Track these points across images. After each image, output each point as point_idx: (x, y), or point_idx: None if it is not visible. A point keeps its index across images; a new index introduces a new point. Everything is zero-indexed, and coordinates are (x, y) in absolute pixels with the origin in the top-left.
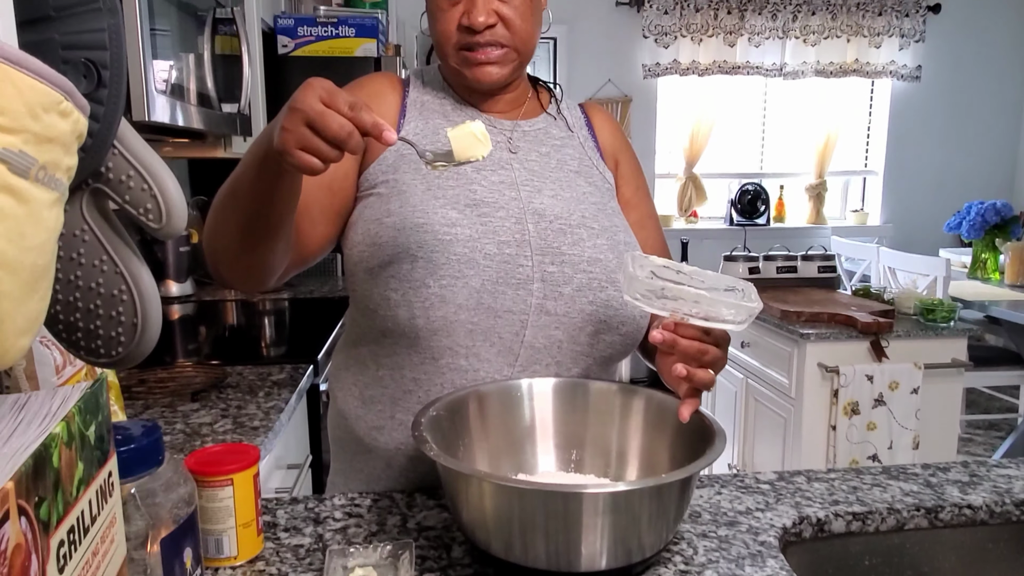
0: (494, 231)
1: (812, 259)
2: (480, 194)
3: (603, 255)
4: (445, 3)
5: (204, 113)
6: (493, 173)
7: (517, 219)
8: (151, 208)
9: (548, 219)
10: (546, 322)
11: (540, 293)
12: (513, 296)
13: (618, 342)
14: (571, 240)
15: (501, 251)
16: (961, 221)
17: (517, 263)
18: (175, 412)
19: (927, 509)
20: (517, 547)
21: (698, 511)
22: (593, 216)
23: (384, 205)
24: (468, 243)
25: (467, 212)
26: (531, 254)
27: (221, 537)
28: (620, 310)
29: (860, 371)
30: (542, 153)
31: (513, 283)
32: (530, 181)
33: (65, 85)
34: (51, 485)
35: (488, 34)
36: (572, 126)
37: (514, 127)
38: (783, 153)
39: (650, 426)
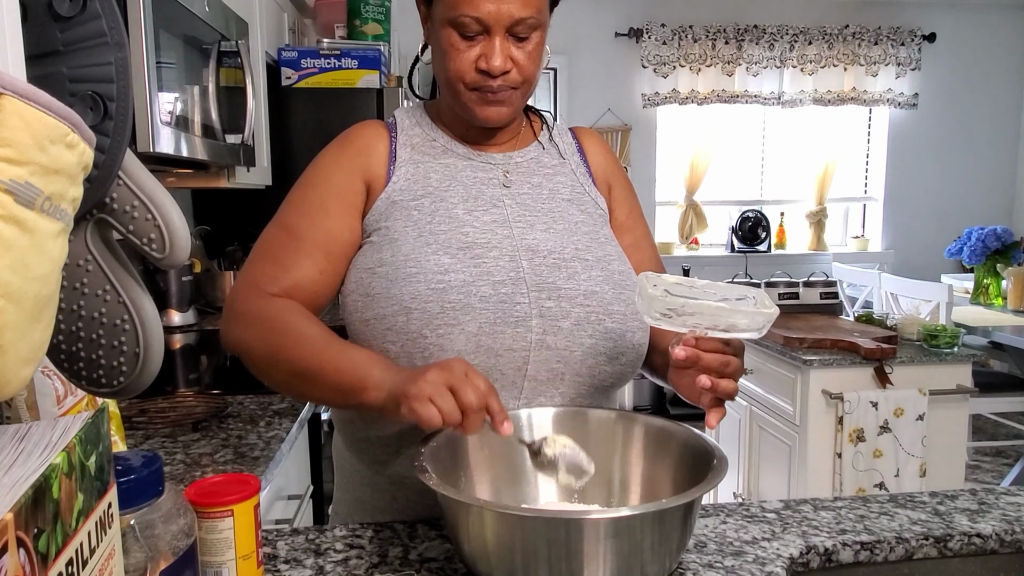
0: (488, 272)
1: (814, 286)
2: (472, 236)
3: (599, 287)
4: (462, 44)
5: (208, 144)
6: (485, 212)
7: (511, 257)
8: (155, 238)
9: (542, 255)
10: (547, 356)
11: (540, 329)
12: (512, 334)
13: (619, 371)
14: (566, 274)
15: (497, 291)
16: (962, 247)
17: (514, 301)
18: (176, 442)
19: (936, 538)
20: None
21: (704, 540)
22: (587, 247)
23: (376, 254)
24: (463, 288)
25: (460, 256)
26: (527, 291)
27: (221, 569)
28: (619, 341)
29: (864, 397)
30: (534, 184)
31: (512, 322)
32: (523, 216)
33: (72, 117)
34: (51, 516)
35: (503, 79)
36: (564, 153)
37: (507, 160)
38: (783, 180)
39: (651, 453)
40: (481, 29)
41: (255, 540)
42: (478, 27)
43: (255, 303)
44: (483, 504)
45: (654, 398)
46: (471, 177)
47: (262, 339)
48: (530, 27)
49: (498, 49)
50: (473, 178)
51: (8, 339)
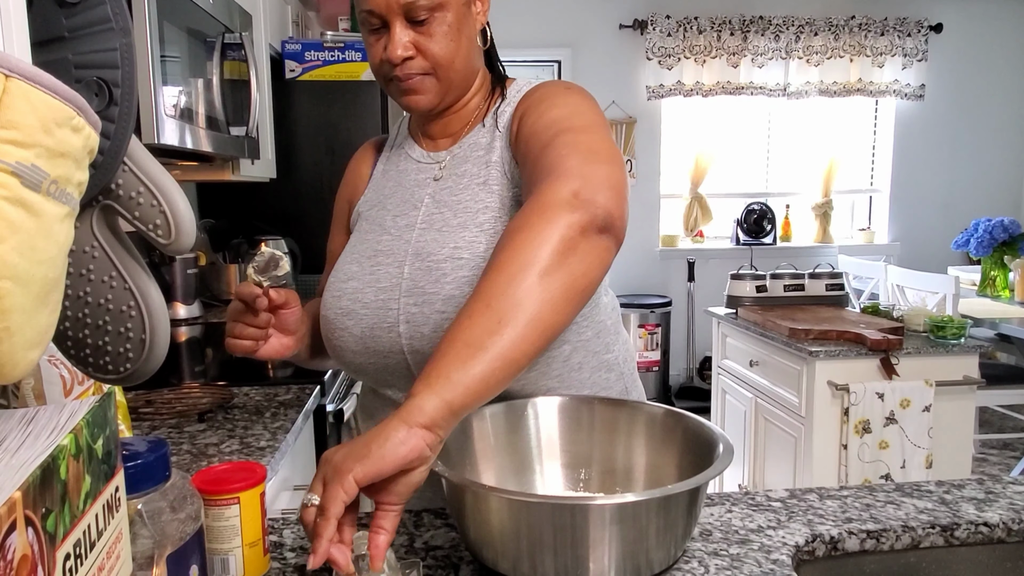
0: (377, 279)
1: (820, 277)
2: (384, 243)
3: (459, 291)
4: (371, 38)
5: (213, 136)
6: (404, 217)
7: (399, 263)
8: (160, 224)
9: (422, 257)
10: (422, 360)
11: (407, 334)
12: (386, 339)
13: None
14: (434, 278)
15: (377, 298)
16: (969, 239)
17: (388, 307)
18: (182, 433)
19: (942, 527)
20: (525, 564)
21: (709, 529)
22: (468, 244)
23: None
24: (352, 295)
25: (364, 264)
26: (399, 296)
27: (227, 557)
28: None
29: (870, 389)
30: (459, 174)
31: (384, 327)
32: (430, 216)
33: (77, 101)
34: (58, 497)
35: (406, 66)
36: (500, 124)
37: (448, 154)
38: (788, 172)
39: (657, 443)
40: (380, 22)
41: (261, 528)
42: (376, 20)
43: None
44: (489, 490)
45: (659, 391)
46: (411, 180)
47: None
48: (427, 8)
49: (395, 38)
50: (412, 181)
51: (15, 321)
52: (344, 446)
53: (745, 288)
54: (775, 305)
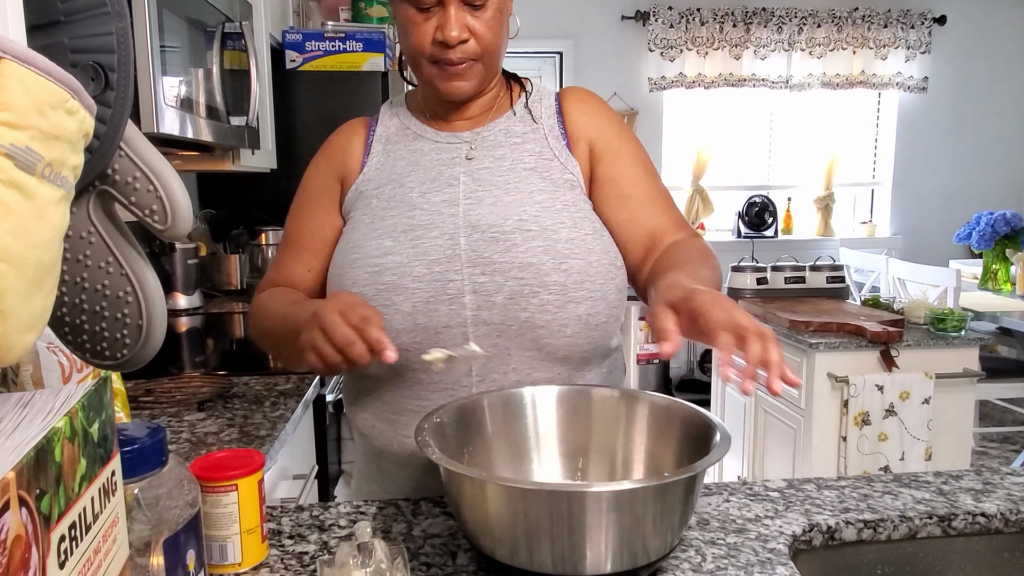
0: (425, 252)
1: (821, 270)
2: (418, 218)
3: (536, 258)
4: (418, 17)
5: (213, 126)
6: (438, 193)
7: (450, 235)
8: (156, 210)
9: (481, 229)
10: (486, 332)
11: (473, 305)
12: (447, 312)
13: (570, 343)
14: (503, 247)
15: (431, 270)
16: (971, 232)
17: (447, 279)
18: (181, 421)
19: (940, 517)
20: (522, 551)
21: (706, 518)
22: (533, 217)
23: (337, 247)
24: (396, 270)
25: (401, 239)
26: (461, 267)
27: (225, 544)
28: (559, 312)
29: (870, 381)
30: (496, 156)
31: (444, 299)
32: (474, 192)
33: (72, 83)
34: (53, 479)
35: (460, 49)
36: (538, 118)
37: (474, 136)
38: (790, 165)
39: (654, 431)
40: (435, 1)
41: (259, 515)
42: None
43: (255, 301)
44: (486, 478)
45: (660, 384)
46: (433, 159)
47: (254, 324)
48: None
49: (453, 19)
50: (435, 160)
51: (9, 304)
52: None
53: (746, 280)
54: (776, 297)
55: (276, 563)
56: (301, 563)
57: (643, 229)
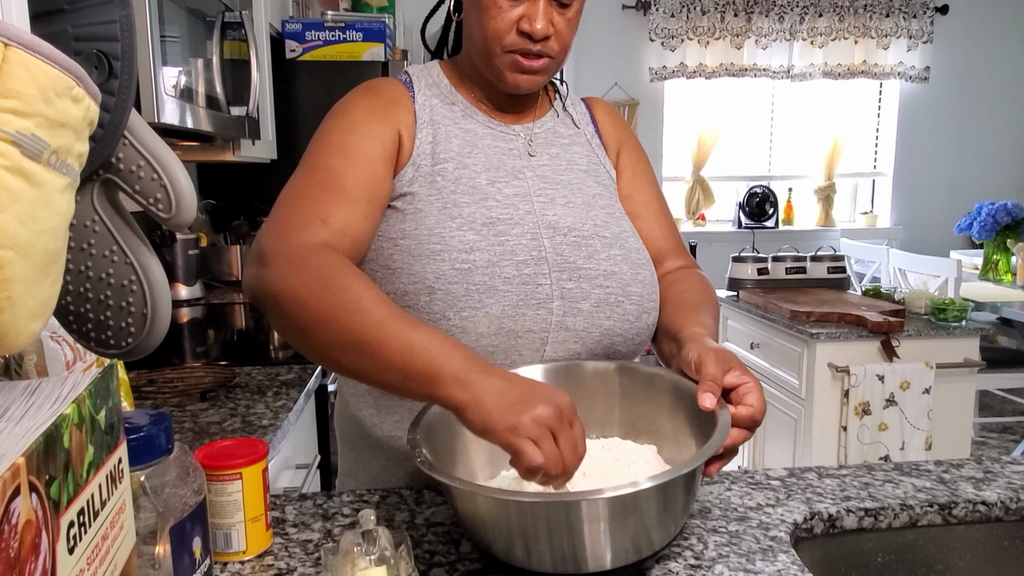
0: (512, 251)
1: (822, 260)
2: (495, 211)
3: (618, 267)
4: (504, 3)
5: (213, 116)
6: (507, 185)
7: (533, 235)
8: (161, 198)
9: (562, 232)
10: (565, 338)
11: (560, 311)
12: (533, 317)
13: (632, 351)
14: (586, 253)
15: (520, 272)
16: (972, 222)
17: (537, 283)
18: (184, 411)
19: (940, 505)
20: (519, 554)
21: (708, 507)
22: (604, 223)
23: (399, 224)
24: (487, 269)
25: (484, 232)
26: (549, 271)
27: (230, 531)
28: (635, 322)
29: (871, 371)
30: (552, 155)
31: (533, 304)
32: (543, 190)
33: (77, 71)
34: (61, 465)
35: (542, 44)
36: (578, 122)
37: (527, 132)
38: (791, 155)
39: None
40: None
41: (264, 503)
42: None
43: (306, 249)
44: (477, 489)
45: None
46: (492, 146)
47: (317, 293)
48: None
49: (542, 11)
50: (494, 147)
51: (16, 291)
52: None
53: (747, 271)
54: (776, 288)
55: (280, 551)
56: (305, 551)
57: (651, 247)
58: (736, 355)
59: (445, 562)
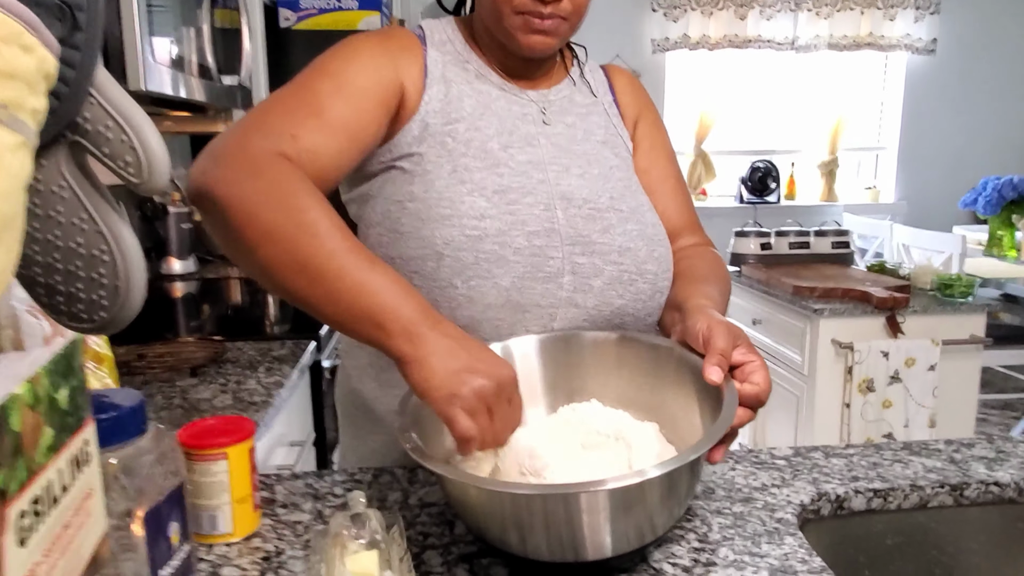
0: (523, 221)
1: (825, 235)
2: (507, 178)
3: (634, 243)
4: None
5: (203, 85)
6: (520, 151)
7: (546, 205)
8: (131, 161)
9: (577, 204)
10: (574, 315)
11: (570, 287)
12: (542, 291)
13: (643, 331)
14: (601, 227)
15: (531, 243)
16: (977, 197)
17: (547, 255)
18: (173, 387)
19: (952, 486)
20: (514, 543)
21: (711, 487)
22: (621, 196)
23: (407, 186)
24: (498, 238)
25: (495, 200)
26: (561, 244)
27: (215, 513)
28: (648, 302)
29: (875, 347)
30: (568, 124)
31: (542, 278)
32: (557, 159)
33: (26, 16)
34: (9, 450)
35: (554, 6)
36: (595, 90)
37: (542, 98)
38: (794, 129)
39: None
40: None
41: (251, 483)
42: None
43: (266, 157)
44: (470, 480)
45: None
46: (506, 109)
47: (270, 207)
48: None
49: None
50: (508, 111)
51: None
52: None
53: (749, 245)
54: (779, 263)
55: (269, 533)
56: (295, 532)
57: (667, 223)
58: (744, 332)
59: (439, 544)
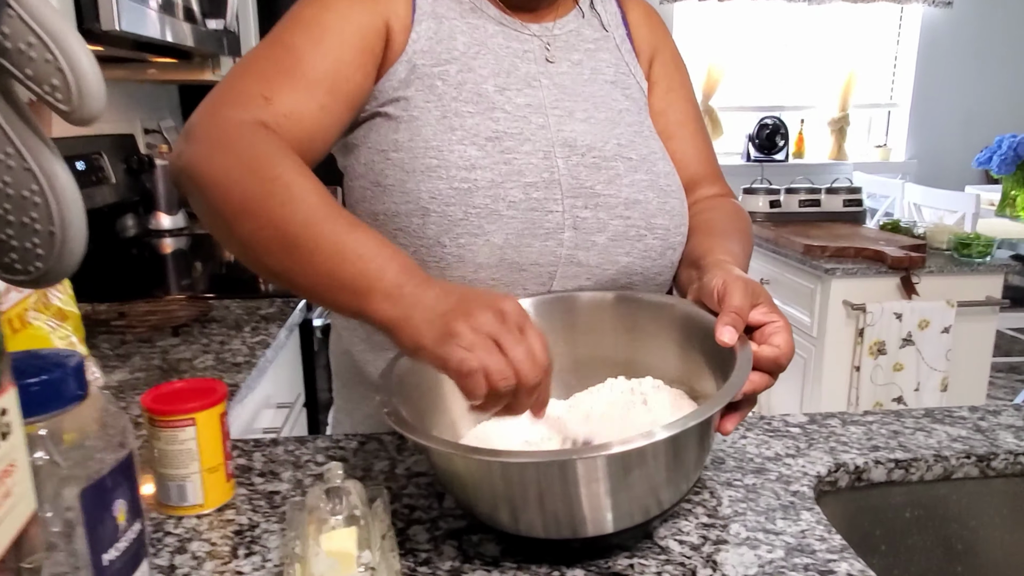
0: (519, 171)
1: (837, 192)
2: (503, 123)
3: (643, 195)
4: None
5: (186, 28)
6: (518, 93)
7: (545, 153)
8: (58, 85)
9: (580, 151)
10: (576, 274)
11: (571, 243)
12: (540, 248)
13: (652, 291)
14: (606, 177)
15: (528, 196)
16: (991, 155)
17: (546, 209)
18: (153, 347)
19: (979, 457)
20: (506, 519)
21: (721, 456)
22: (630, 142)
23: (391, 134)
24: (490, 191)
25: (488, 148)
26: (561, 197)
27: (184, 483)
28: (658, 259)
29: (888, 309)
30: (574, 62)
31: (540, 234)
32: (560, 101)
33: None
34: None
35: None
36: (607, 24)
37: (545, 32)
38: (805, 85)
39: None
40: None
41: (223, 451)
42: None
43: (238, 127)
44: (455, 450)
45: None
46: (503, 47)
47: (241, 179)
48: None
49: None
50: (506, 48)
51: None
52: None
53: (758, 203)
54: (789, 221)
55: (243, 504)
56: (271, 504)
57: (684, 173)
58: (767, 291)
59: (426, 518)
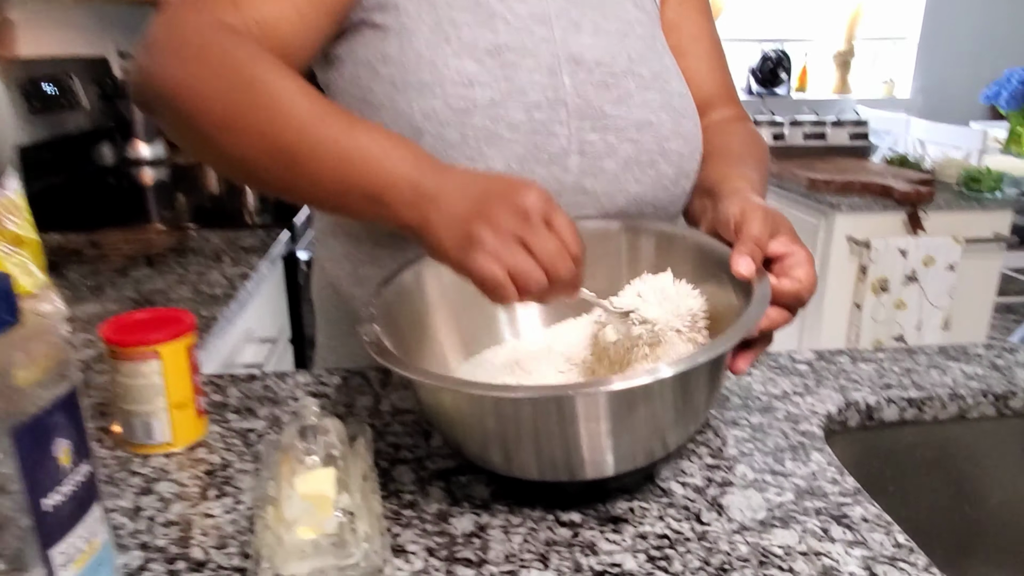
0: (521, 89)
1: (843, 125)
2: (504, 35)
3: (655, 116)
4: None
5: None
6: (521, 2)
7: (550, 69)
8: None
9: (588, 67)
10: (582, 203)
11: (577, 169)
12: (544, 175)
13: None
14: (616, 96)
15: (530, 117)
16: (1000, 90)
17: (550, 132)
18: (126, 277)
19: (996, 395)
20: (497, 460)
21: (725, 394)
22: (642, 57)
23: (380, 45)
24: (489, 111)
25: (487, 62)
26: (567, 119)
27: (150, 420)
28: (671, 188)
29: (892, 245)
30: None
31: (544, 159)
32: (566, 12)
33: None
34: None
35: None
36: None
37: None
38: (809, 16)
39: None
40: None
41: (191, 386)
42: None
43: (206, 32)
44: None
45: None
46: None
47: (219, 87)
48: None
49: None
50: None
51: None
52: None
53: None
54: (793, 155)
55: (216, 442)
56: (246, 442)
57: (697, 92)
58: (789, 221)
59: (411, 458)
